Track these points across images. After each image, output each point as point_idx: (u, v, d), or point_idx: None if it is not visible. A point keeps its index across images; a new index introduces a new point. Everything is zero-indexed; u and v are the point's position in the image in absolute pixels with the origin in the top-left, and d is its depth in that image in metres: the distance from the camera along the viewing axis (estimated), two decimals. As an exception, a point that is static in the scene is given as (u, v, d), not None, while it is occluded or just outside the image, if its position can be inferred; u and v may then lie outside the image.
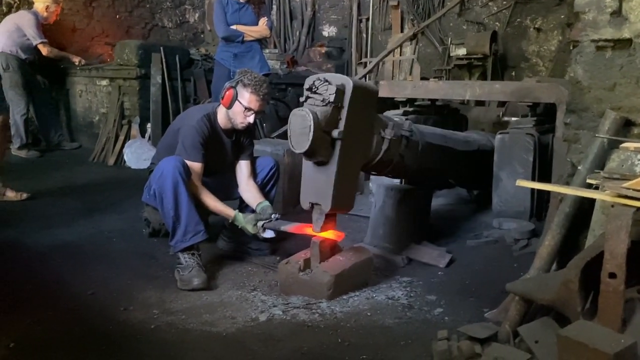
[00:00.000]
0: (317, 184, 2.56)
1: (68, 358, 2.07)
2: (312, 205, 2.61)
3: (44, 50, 5.93)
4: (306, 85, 2.49)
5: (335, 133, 2.43)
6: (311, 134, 2.33)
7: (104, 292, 2.65)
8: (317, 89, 2.43)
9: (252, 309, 2.53)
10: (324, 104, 2.40)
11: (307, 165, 2.60)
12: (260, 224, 2.91)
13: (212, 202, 2.99)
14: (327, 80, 2.43)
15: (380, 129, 2.71)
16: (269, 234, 2.92)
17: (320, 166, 2.53)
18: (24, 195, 4.21)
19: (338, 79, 2.46)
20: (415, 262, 3.15)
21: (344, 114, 2.45)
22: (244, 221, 2.94)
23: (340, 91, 2.41)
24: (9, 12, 6.17)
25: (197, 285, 2.71)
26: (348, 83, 2.45)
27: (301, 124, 2.37)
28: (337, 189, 2.51)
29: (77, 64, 6.38)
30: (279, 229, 2.89)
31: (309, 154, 2.44)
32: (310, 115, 2.34)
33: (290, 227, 2.85)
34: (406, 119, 3.48)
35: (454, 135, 3.56)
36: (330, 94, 2.39)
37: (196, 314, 2.46)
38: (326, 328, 2.33)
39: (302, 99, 2.50)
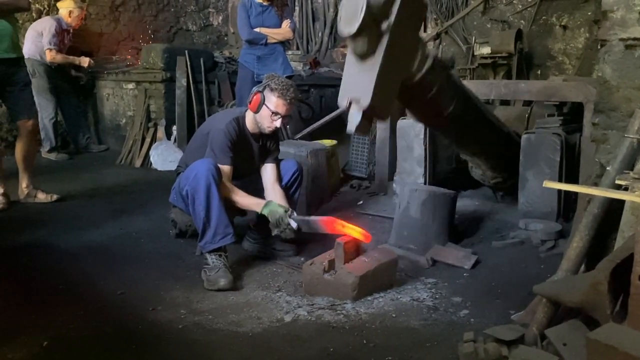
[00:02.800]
0: (358, 78, 2.46)
1: (99, 357, 2.12)
2: (350, 103, 2.48)
3: (48, 56, 5.88)
4: None
5: (384, 25, 2.33)
6: (363, 13, 2.24)
7: (133, 292, 2.70)
8: None
9: (277, 310, 2.55)
10: None
11: (349, 60, 2.51)
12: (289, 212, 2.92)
13: (242, 199, 3.03)
14: None
15: (425, 48, 2.63)
16: (294, 224, 2.90)
17: (364, 60, 2.43)
18: (54, 197, 4.31)
19: None
20: (440, 264, 3.13)
21: (395, 9, 2.34)
22: (277, 205, 2.96)
23: None
24: (38, 18, 6.33)
25: (224, 285, 2.75)
26: None
27: (354, 4, 2.28)
28: (379, 85, 2.40)
29: (86, 66, 6.38)
30: (308, 221, 2.90)
31: (357, 35, 2.33)
32: None
33: (320, 221, 2.84)
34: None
35: (488, 107, 3.45)
36: None
37: (223, 314, 2.50)
38: (351, 329, 2.34)
39: None
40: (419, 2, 2.56)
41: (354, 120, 2.45)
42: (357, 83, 2.46)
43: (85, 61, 6.33)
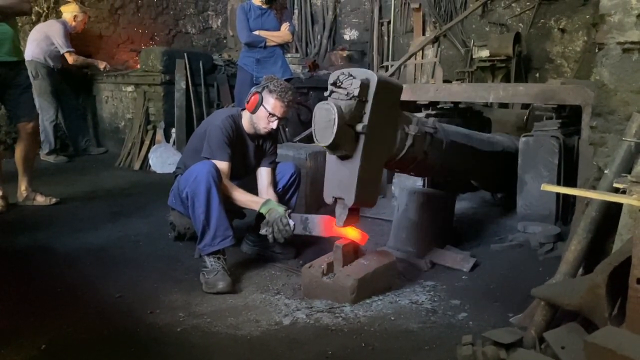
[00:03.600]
0: (340, 178, 2.54)
1: (97, 360, 2.12)
2: (336, 199, 2.59)
3: (70, 59, 6.12)
4: (330, 80, 2.46)
5: (359, 127, 2.40)
6: (335, 126, 2.31)
7: (132, 295, 2.70)
8: (342, 83, 2.41)
9: (276, 313, 2.55)
10: (348, 97, 2.38)
11: (330, 160, 2.59)
12: (288, 211, 2.93)
13: (241, 195, 3.03)
14: (351, 75, 2.41)
15: (404, 125, 2.69)
16: (292, 223, 2.89)
17: (344, 160, 2.51)
18: (53, 200, 4.31)
19: (363, 73, 2.44)
20: (438, 266, 3.13)
21: (368, 108, 2.42)
22: (276, 204, 2.97)
23: (364, 85, 2.39)
24: (38, 21, 6.35)
25: (222, 288, 2.75)
26: (373, 77, 2.42)
27: (325, 117, 2.35)
28: (361, 183, 2.49)
29: (102, 69, 6.53)
30: (306, 218, 2.90)
31: (333, 147, 2.43)
32: (335, 108, 2.32)
33: (317, 219, 2.85)
34: (430, 117, 3.46)
35: (478, 136, 3.53)
36: (354, 87, 2.37)
37: (221, 317, 2.49)
38: (350, 332, 2.34)
39: (326, 93, 2.47)
40: (392, 88, 2.61)
41: (341, 216, 2.58)
42: (340, 181, 2.55)
43: (102, 64, 6.55)
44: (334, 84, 2.44)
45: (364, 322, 2.44)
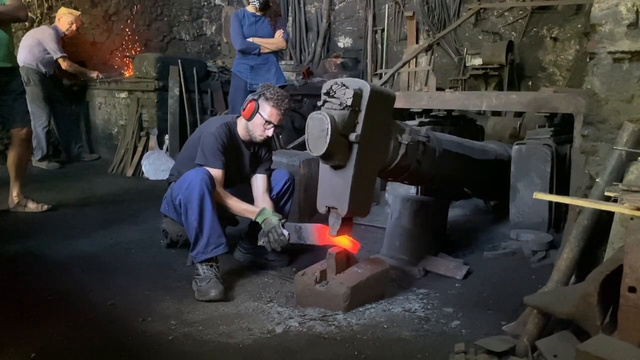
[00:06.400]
0: (333, 187, 2.55)
1: (88, 369, 2.10)
2: (329, 209, 2.60)
3: (64, 65, 6.11)
4: (324, 90, 2.47)
5: (352, 137, 2.41)
6: (328, 137, 2.32)
7: (123, 303, 2.68)
8: (335, 92, 2.42)
9: (268, 321, 2.54)
10: (342, 107, 2.39)
11: (324, 169, 2.59)
12: (283, 221, 2.93)
13: (235, 204, 3.02)
14: (344, 84, 2.42)
15: (398, 134, 2.70)
16: (286, 233, 2.89)
17: (337, 170, 2.52)
18: (45, 207, 4.27)
19: (356, 83, 2.45)
20: (431, 274, 3.13)
21: (361, 117, 2.43)
22: (272, 213, 2.96)
23: (357, 95, 2.40)
24: (31, 27, 6.32)
25: (214, 296, 2.73)
26: (365, 87, 2.44)
27: (319, 127, 2.36)
28: (354, 192, 2.49)
29: (95, 78, 6.52)
30: (299, 227, 2.90)
31: (326, 157, 2.44)
32: (328, 118, 2.33)
33: (311, 228, 2.85)
34: (423, 125, 3.48)
35: (471, 144, 3.55)
36: (347, 97, 2.38)
37: (213, 325, 2.48)
38: (342, 340, 2.33)
39: (319, 103, 2.48)
40: (385, 97, 2.62)
41: (335, 226, 2.59)
42: (333, 191, 2.56)
43: (94, 74, 6.54)
44: (327, 93, 2.44)
45: (357, 330, 2.43)
